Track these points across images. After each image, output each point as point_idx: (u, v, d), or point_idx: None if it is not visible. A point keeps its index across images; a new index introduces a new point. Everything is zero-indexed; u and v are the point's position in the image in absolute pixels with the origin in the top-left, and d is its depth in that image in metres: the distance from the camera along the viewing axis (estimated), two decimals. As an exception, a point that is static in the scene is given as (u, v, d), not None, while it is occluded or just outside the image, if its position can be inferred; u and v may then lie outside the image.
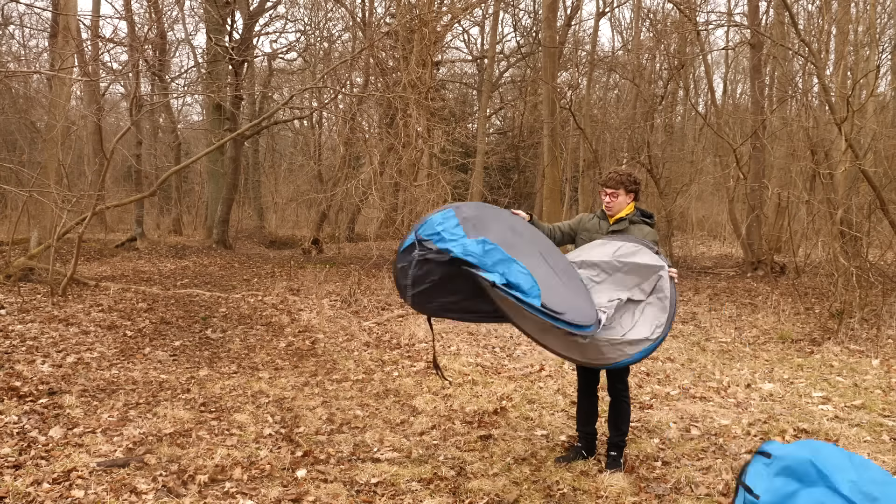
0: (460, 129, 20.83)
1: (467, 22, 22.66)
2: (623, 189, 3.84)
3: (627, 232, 3.86)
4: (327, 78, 12.57)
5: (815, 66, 9.72)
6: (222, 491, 3.43)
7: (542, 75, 15.49)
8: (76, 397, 4.80)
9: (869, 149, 10.44)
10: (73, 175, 16.39)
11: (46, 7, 12.40)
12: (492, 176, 21.32)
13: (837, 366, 6.22)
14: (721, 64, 23.14)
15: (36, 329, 6.74)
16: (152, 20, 15.77)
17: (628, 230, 3.86)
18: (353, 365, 6.21)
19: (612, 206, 3.88)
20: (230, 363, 6.14)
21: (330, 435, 4.32)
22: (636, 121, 14.71)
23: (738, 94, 23.18)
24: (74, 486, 3.39)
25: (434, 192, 12.11)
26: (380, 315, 8.62)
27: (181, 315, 8.07)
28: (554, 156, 14.78)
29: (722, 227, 20.44)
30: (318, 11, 19.75)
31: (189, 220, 22.90)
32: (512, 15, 25.14)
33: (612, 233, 3.88)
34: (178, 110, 25.55)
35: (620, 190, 3.84)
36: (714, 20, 19.15)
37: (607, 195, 3.89)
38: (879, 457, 3.93)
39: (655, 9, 19.56)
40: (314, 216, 19.09)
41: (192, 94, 21.89)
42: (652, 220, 3.98)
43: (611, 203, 3.88)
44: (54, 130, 10.00)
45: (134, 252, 14.70)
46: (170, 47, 20.09)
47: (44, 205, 9.51)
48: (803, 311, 8.76)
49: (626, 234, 3.83)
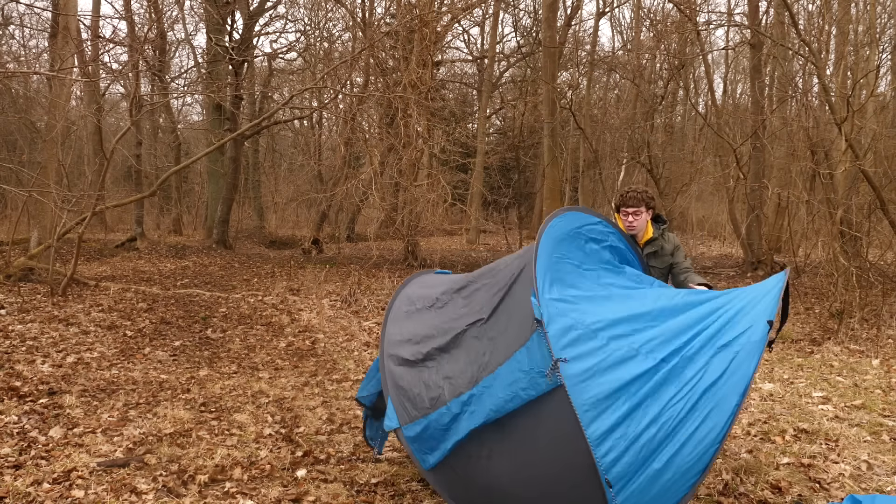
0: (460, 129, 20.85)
1: (467, 22, 22.69)
2: (644, 206, 3.56)
3: (662, 251, 3.59)
4: (327, 78, 12.56)
5: (815, 66, 9.72)
6: (222, 491, 3.43)
7: (542, 75, 15.50)
8: (76, 397, 4.80)
9: (869, 149, 10.44)
10: (73, 175, 16.40)
11: (46, 7, 12.39)
12: (492, 176, 21.32)
13: (837, 366, 6.21)
14: (721, 64, 23.19)
15: (36, 329, 6.74)
16: (152, 20, 15.77)
17: (663, 249, 3.60)
18: (353, 365, 6.21)
19: (635, 226, 3.56)
20: (230, 363, 6.14)
21: (330, 435, 4.32)
22: (636, 121, 14.71)
23: (738, 94, 23.20)
24: (74, 486, 3.39)
25: (434, 192, 12.11)
26: (380, 315, 8.62)
27: (181, 315, 8.07)
28: (554, 156, 14.79)
29: (722, 227, 20.44)
30: (318, 11, 19.76)
31: (189, 220, 22.90)
32: (512, 15, 25.20)
33: (648, 255, 3.58)
34: (178, 110, 25.59)
35: (642, 207, 3.55)
36: (714, 20, 19.16)
37: (629, 215, 3.56)
38: (879, 457, 3.94)
39: (655, 9, 19.61)
40: (314, 216, 19.09)
41: (192, 94, 21.90)
42: (667, 222, 3.74)
43: (634, 223, 3.55)
44: (54, 130, 9.99)
45: (134, 252, 14.70)
46: (170, 47, 20.12)
47: (44, 205, 9.51)
48: (803, 311, 8.76)
49: (662, 254, 3.58)
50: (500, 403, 2.63)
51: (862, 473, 3.70)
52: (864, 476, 3.67)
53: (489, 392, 2.68)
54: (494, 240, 22.36)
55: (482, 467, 2.74)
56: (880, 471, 3.75)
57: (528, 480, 2.62)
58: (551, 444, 2.54)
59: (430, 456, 2.90)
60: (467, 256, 17.04)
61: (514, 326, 2.75)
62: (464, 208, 18.50)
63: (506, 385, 2.62)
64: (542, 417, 2.55)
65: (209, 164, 18.55)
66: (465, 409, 2.75)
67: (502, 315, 2.89)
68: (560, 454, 2.50)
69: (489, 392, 2.68)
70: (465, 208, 18.74)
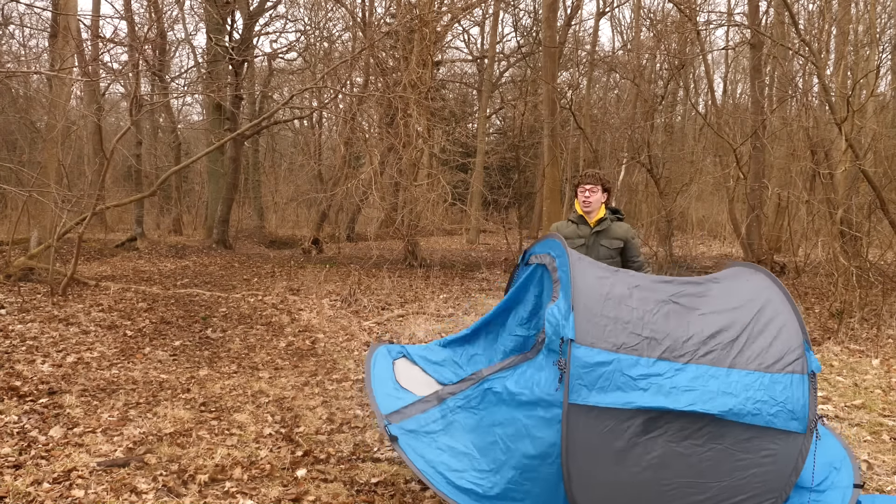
0: (460, 129, 20.85)
1: (467, 22, 22.70)
2: (601, 186, 3.95)
3: (609, 231, 3.96)
4: (327, 78, 12.56)
5: (816, 66, 9.72)
6: (222, 491, 3.43)
7: (542, 75, 15.49)
8: (76, 397, 4.80)
9: (869, 149, 10.44)
10: (73, 175, 16.38)
11: (46, 7, 12.40)
12: (492, 176, 21.32)
13: (837, 365, 6.21)
14: (721, 64, 23.18)
15: (36, 329, 6.74)
16: (152, 20, 15.77)
17: (610, 229, 3.99)
18: (353, 365, 6.21)
19: (591, 201, 3.94)
20: (230, 363, 6.14)
21: (330, 435, 4.32)
22: (636, 121, 14.69)
23: (738, 94, 23.21)
24: (74, 485, 3.39)
25: (434, 191, 12.12)
26: (380, 315, 8.63)
27: (181, 315, 8.06)
28: (554, 156, 14.79)
29: (722, 227, 20.44)
30: (318, 11, 19.75)
31: (189, 220, 22.89)
32: (512, 15, 25.21)
33: (596, 233, 3.95)
34: (178, 110, 25.59)
35: (598, 186, 3.94)
36: (714, 20, 19.16)
37: (587, 190, 3.95)
38: (879, 456, 3.94)
39: (655, 9, 19.61)
40: (314, 216, 19.09)
41: (192, 94, 21.91)
42: (622, 215, 4.12)
43: (590, 198, 3.94)
44: (54, 130, 10.00)
45: (134, 252, 14.69)
46: (170, 47, 20.11)
47: (44, 205, 9.52)
48: (803, 310, 8.76)
49: (610, 235, 3.96)
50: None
51: (862, 473, 3.70)
52: (864, 476, 3.67)
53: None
54: (494, 240, 22.36)
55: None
56: (880, 471, 3.75)
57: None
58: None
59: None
60: (467, 256, 17.05)
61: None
62: (464, 208, 18.50)
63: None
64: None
65: (209, 164, 18.54)
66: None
67: None
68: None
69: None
70: (465, 208, 18.75)
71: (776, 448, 2.57)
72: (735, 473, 2.55)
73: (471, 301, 9.77)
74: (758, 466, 2.55)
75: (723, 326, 2.79)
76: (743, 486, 2.54)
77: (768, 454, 2.56)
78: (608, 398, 2.56)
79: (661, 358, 2.65)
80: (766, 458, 2.56)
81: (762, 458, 2.56)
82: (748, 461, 2.56)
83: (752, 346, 2.73)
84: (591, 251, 3.97)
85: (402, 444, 2.88)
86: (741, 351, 2.71)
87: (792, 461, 2.56)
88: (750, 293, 2.98)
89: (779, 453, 2.57)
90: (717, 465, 2.55)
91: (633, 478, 2.54)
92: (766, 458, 2.56)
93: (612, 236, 4.01)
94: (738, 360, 2.68)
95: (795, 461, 2.57)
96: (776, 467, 2.55)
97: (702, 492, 2.54)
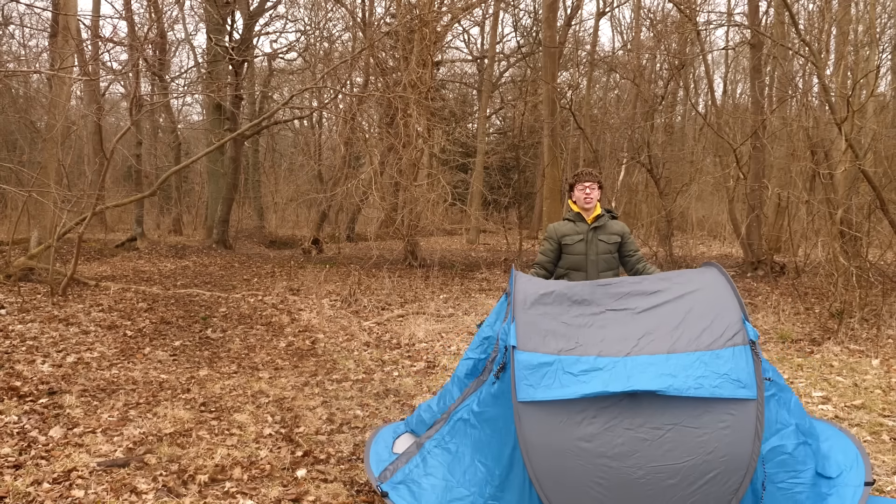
0: (460, 128, 20.86)
1: (467, 22, 22.67)
2: (598, 184, 4.09)
3: (606, 227, 4.12)
4: (327, 78, 12.56)
5: (816, 66, 9.71)
6: (222, 491, 3.43)
7: (542, 75, 15.49)
8: (76, 397, 4.80)
9: (869, 149, 10.43)
10: (73, 175, 16.40)
11: (46, 7, 12.40)
12: (492, 176, 21.32)
13: (837, 366, 6.21)
14: (721, 64, 23.19)
15: (36, 329, 6.74)
16: (152, 20, 15.77)
17: (607, 225, 4.12)
18: (353, 365, 6.21)
19: (591, 197, 4.08)
20: (230, 363, 6.14)
21: (330, 435, 4.32)
22: (636, 121, 14.69)
23: (738, 94, 23.20)
24: (74, 485, 3.39)
25: (434, 192, 12.12)
26: (380, 315, 8.63)
27: (181, 315, 8.06)
28: (554, 156, 14.79)
29: (722, 227, 20.44)
30: (318, 11, 19.74)
31: (189, 220, 22.90)
32: (512, 15, 25.19)
33: (594, 229, 4.10)
34: (178, 110, 25.59)
35: (596, 183, 4.08)
36: (714, 20, 19.18)
37: (587, 187, 4.08)
38: (879, 456, 3.93)
39: (655, 9, 19.60)
40: (314, 216, 19.08)
41: (192, 94, 21.92)
42: (616, 215, 4.27)
43: (591, 194, 4.07)
44: (54, 130, 9.99)
45: (134, 252, 14.70)
46: (170, 47, 20.10)
47: (44, 205, 9.51)
48: (803, 311, 8.75)
49: (607, 231, 4.10)
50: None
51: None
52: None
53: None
54: (494, 240, 22.36)
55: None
56: (880, 471, 3.75)
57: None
58: None
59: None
60: (467, 256, 17.05)
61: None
62: (464, 208, 18.49)
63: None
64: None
65: (209, 164, 18.54)
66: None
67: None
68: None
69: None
70: (465, 208, 18.74)
71: (731, 417, 2.67)
72: (699, 450, 2.62)
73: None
74: (718, 440, 2.64)
75: (662, 319, 2.97)
76: (711, 462, 2.61)
77: (725, 425, 2.66)
78: (554, 393, 2.73)
79: (600, 355, 2.84)
80: (724, 428, 2.65)
81: (721, 429, 2.65)
82: (708, 435, 2.64)
83: (691, 330, 2.89)
84: (591, 246, 4.08)
85: (392, 497, 3.04)
86: (679, 337, 2.87)
87: (751, 427, 2.65)
88: (691, 283, 3.17)
89: (735, 422, 2.67)
90: (679, 444, 2.63)
91: (603, 470, 2.62)
92: (725, 429, 2.65)
93: (609, 231, 4.13)
94: (678, 346, 2.84)
95: (754, 426, 2.65)
96: (737, 436, 2.63)
97: (672, 475, 2.60)
